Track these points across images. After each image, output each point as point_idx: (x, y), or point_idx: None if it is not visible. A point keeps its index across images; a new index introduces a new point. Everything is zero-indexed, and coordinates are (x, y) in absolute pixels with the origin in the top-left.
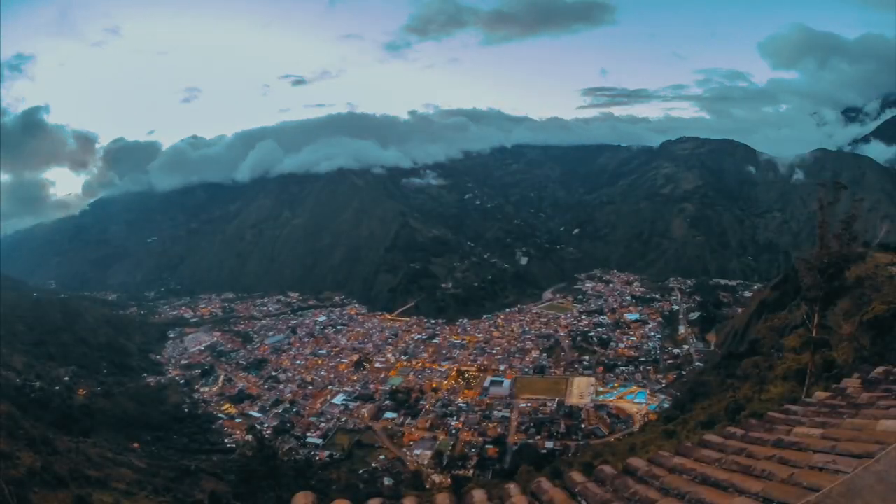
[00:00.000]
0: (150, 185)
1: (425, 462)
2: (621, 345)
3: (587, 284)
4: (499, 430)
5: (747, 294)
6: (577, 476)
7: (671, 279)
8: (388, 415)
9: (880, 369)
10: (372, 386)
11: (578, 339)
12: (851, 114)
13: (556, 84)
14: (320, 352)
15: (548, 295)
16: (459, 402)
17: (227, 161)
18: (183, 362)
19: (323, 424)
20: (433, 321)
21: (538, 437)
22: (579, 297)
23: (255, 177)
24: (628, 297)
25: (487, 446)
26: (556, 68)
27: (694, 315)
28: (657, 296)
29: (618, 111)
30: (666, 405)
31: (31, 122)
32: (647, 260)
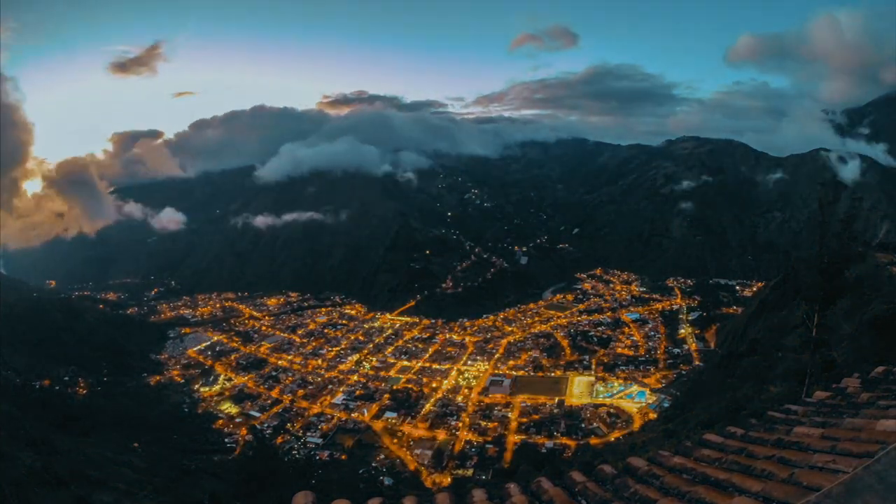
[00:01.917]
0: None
1: (425, 462)
2: (621, 344)
3: (587, 284)
4: (499, 429)
5: (747, 294)
6: (577, 475)
7: (671, 279)
8: (389, 414)
9: (880, 369)
10: (372, 385)
11: (578, 338)
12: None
13: None
14: (320, 352)
15: (548, 294)
16: (459, 401)
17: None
18: (183, 362)
19: (323, 424)
20: (433, 321)
21: (538, 437)
22: (579, 296)
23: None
24: (628, 297)
25: (487, 446)
26: None
27: (694, 315)
28: (657, 295)
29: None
30: (666, 405)
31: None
32: (646, 259)
